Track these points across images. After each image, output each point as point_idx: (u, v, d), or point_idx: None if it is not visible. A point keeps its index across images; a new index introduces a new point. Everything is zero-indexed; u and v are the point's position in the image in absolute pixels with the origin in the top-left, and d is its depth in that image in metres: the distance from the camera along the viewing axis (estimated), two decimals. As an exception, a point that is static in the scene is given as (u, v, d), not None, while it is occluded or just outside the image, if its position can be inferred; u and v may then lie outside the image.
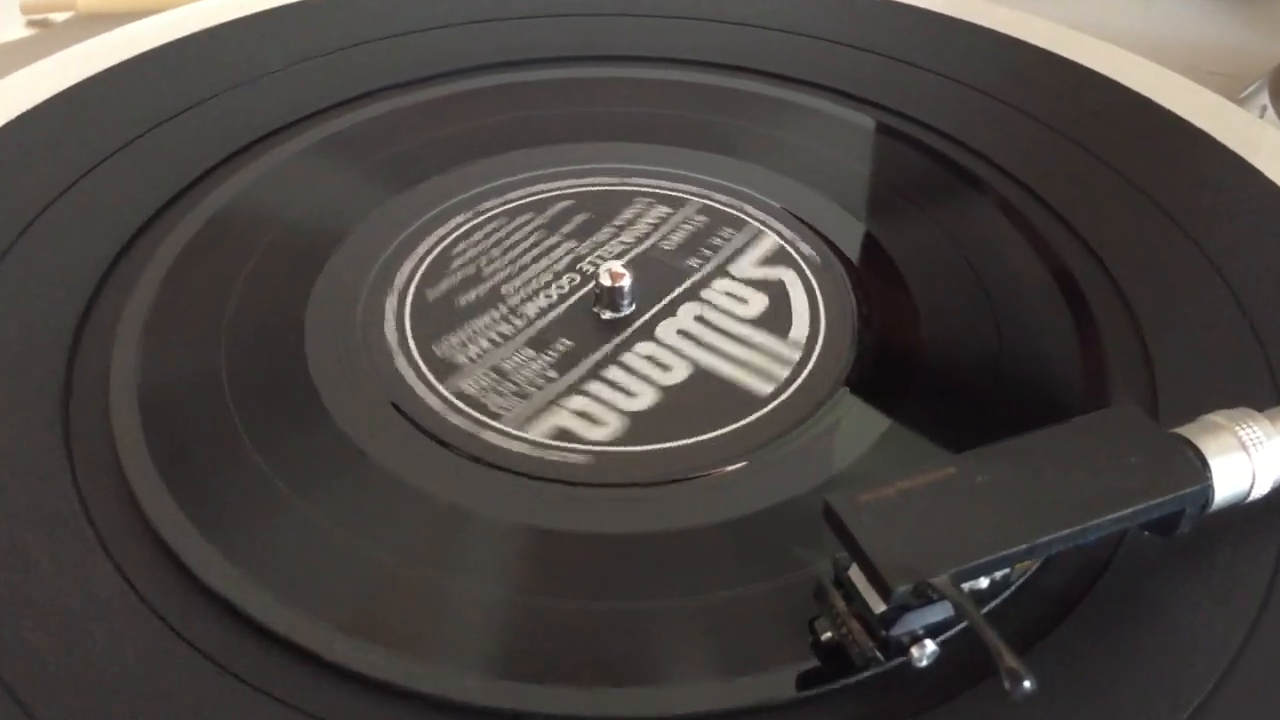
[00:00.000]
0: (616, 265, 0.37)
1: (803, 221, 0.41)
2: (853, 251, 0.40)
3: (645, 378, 0.35)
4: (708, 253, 0.39)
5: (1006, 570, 0.27)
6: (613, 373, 0.35)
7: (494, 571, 0.29)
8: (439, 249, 0.39)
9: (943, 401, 0.34)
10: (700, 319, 0.37)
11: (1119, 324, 0.36)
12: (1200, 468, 0.27)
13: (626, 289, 0.36)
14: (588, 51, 0.48)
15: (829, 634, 0.27)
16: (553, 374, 0.34)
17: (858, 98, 0.46)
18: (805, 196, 0.42)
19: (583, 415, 0.33)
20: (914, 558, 0.25)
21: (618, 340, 0.36)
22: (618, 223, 0.40)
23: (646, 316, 0.37)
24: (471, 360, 0.35)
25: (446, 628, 0.28)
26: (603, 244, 0.39)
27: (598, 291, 0.37)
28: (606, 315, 0.36)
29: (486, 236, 0.39)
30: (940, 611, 0.26)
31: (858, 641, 0.26)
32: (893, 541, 0.26)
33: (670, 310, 0.37)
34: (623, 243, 0.39)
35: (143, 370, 0.33)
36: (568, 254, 0.39)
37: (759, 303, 0.37)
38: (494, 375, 0.34)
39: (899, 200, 0.42)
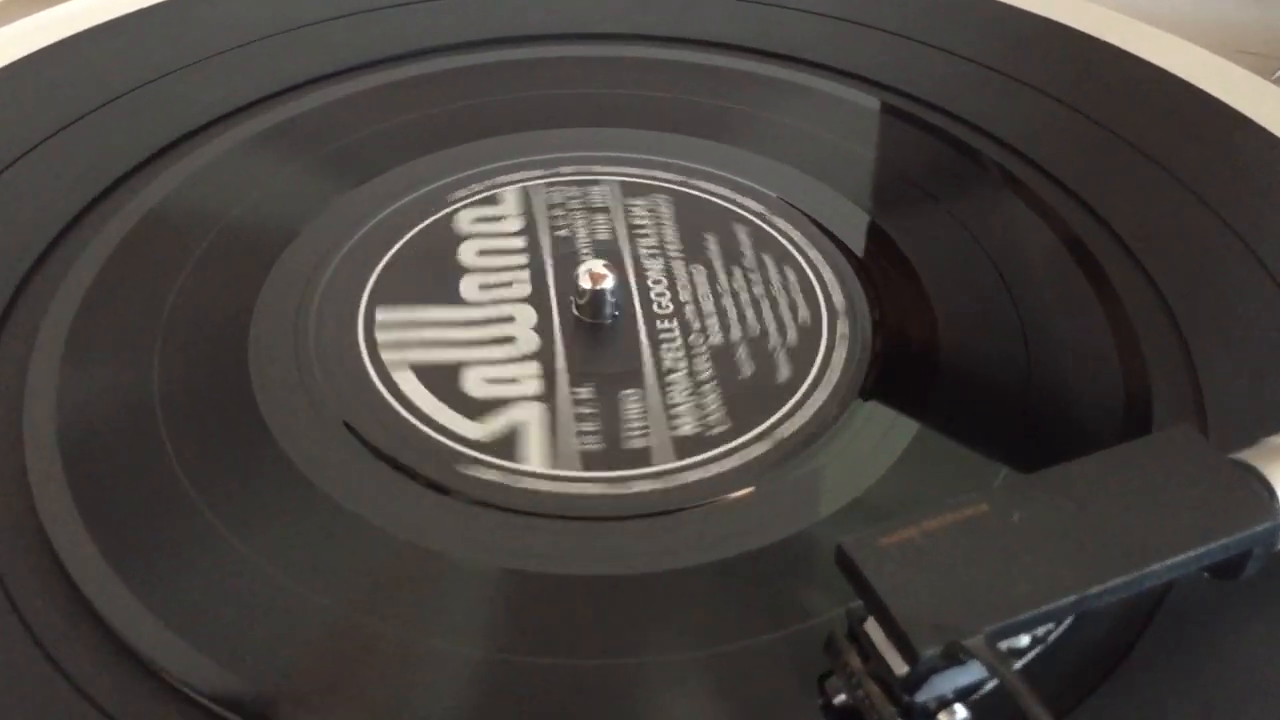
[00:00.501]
0: (597, 265, 0.33)
1: (802, 213, 0.38)
2: (858, 246, 0.36)
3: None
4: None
5: (1050, 625, 0.23)
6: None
7: (464, 624, 0.26)
8: (401, 249, 0.36)
9: (968, 415, 0.31)
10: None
11: (1156, 323, 0.33)
12: (1269, 500, 0.24)
13: (610, 290, 0.33)
14: (556, 29, 0.45)
15: (842, 696, 0.24)
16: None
17: (857, 76, 0.44)
18: (804, 185, 0.39)
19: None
20: (943, 613, 0.22)
21: (600, 347, 0.33)
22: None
23: (635, 318, 0.34)
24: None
25: (411, 693, 0.24)
26: (582, 239, 0.36)
27: (579, 296, 0.33)
28: (589, 320, 0.33)
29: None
30: (972, 673, 0.23)
31: (876, 707, 0.23)
32: (918, 593, 0.22)
33: (660, 312, 0.34)
34: (599, 239, 0.36)
35: (62, 391, 0.30)
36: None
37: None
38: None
39: (907, 189, 0.39)
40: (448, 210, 0.37)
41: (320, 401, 0.31)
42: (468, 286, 0.34)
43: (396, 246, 0.36)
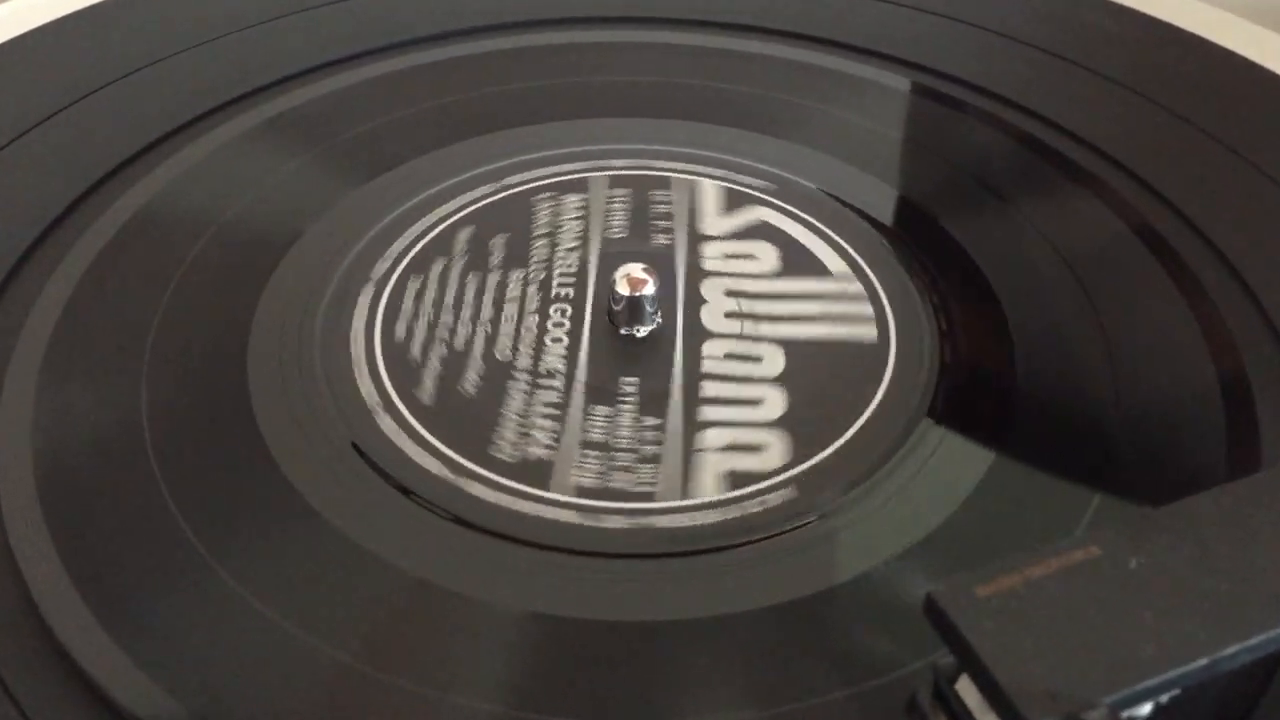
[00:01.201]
0: (635, 270, 0.30)
1: (852, 208, 0.35)
2: (921, 248, 0.34)
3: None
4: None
5: (1177, 691, 0.20)
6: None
7: (485, 676, 0.23)
8: (416, 253, 0.33)
9: (1050, 435, 0.28)
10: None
11: (1253, 331, 0.30)
12: None
13: (650, 297, 0.30)
14: (579, 13, 0.43)
15: (931, 766, 0.21)
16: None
17: (895, 59, 0.41)
18: (851, 179, 0.36)
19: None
20: (1056, 678, 0.19)
21: (635, 361, 0.30)
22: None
23: (675, 331, 0.31)
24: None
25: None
26: (618, 238, 0.34)
27: (615, 303, 0.31)
28: (623, 330, 0.31)
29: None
30: (1088, 746, 0.20)
31: (973, 781, 0.20)
32: (1025, 654, 0.20)
33: (707, 326, 0.31)
34: (654, 245, 0.34)
35: (39, 414, 0.28)
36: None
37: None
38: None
39: (968, 184, 0.36)
40: (468, 207, 0.35)
41: (328, 423, 0.28)
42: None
43: (414, 251, 0.33)
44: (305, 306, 0.31)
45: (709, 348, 0.30)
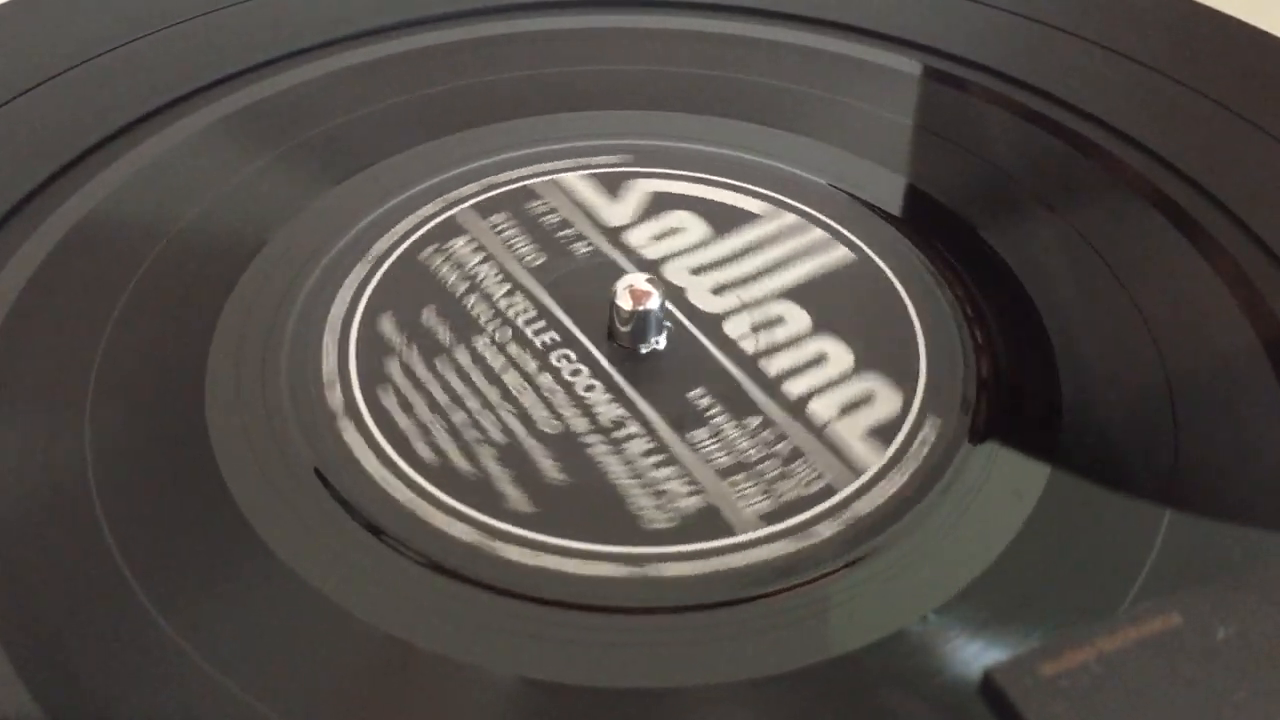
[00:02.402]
0: (639, 281, 0.28)
1: (871, 208, 0.32)
2: (953, 253, 0.31)
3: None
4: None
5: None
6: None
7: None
8: (395, 261, 0.31)
9: (1106, 463, 0.26)
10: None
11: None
12: None
13: (655, 312, 0.28)
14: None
15: None
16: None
17: (909, 43, 0.39)
18: (868, 174, 0.34)
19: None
20: (1138, 774, 0.17)
21: (635, 381, 0.28)
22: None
23: (683, 345, 0.28)
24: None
25: None
26: (541, 264, 0.31)
27: (618, 318, 0.28)
28: (626, 346, 0.28)
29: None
30: None
31: None
32: None
33: (724, 342, 0.29)
34: (647, 258, 0.31)
35: None
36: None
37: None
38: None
39: (1001, 183, 0.34)
40: (458, 206, 0.32)
41: (294, 455, 0.26)
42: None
43: (393, 259, 0.31)
44: (273, 321, 0.29)
45: (731, 328, 0.29)
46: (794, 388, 0.27)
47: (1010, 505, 0.25)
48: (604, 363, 0.28)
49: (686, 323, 0.29)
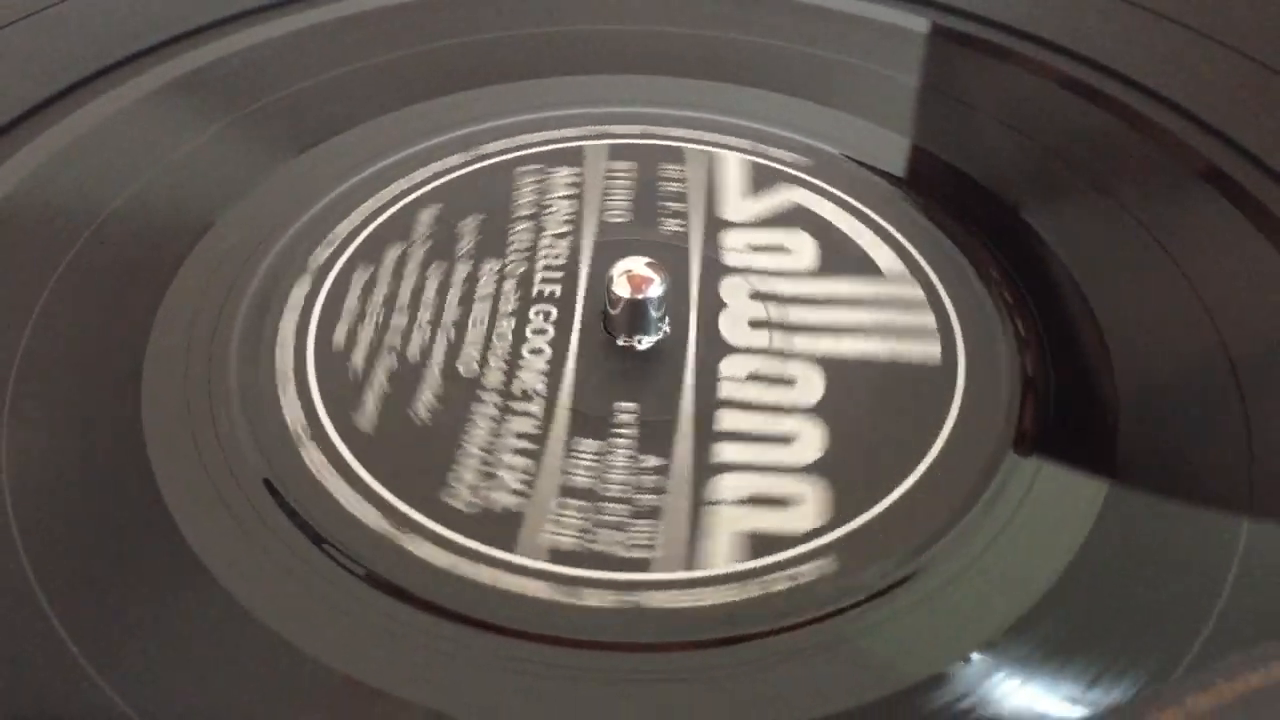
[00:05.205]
0: (638, 265, 0.26)
1: (902, 185, 0.30)
2: (989, 236, 0.29)
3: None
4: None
5: None
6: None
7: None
8: (365, 239, 0.29)
9: (1176, 460, 0.24)
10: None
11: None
12: None
13: (657, 299, 0.26)
14: None
15: None
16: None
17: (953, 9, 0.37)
18: (902, 152, 0.32)
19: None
20: None
21: (624, 378, 0.25)
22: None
23: (685, 343, 0.26)
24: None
25: None
26: (618, 222, 0.29)
27: (611, 306, 0.26)
28: (619, 340, 0.26)
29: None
30: None
31: None
32: None
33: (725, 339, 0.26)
34: (663, 232, 0.29)
35: None
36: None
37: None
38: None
39: (1047, 162, 0.31)
40: (431, 183, 0.30)
41: (244, 468, 0.23)
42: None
43: (362, 235, 0.29)
44: (218, 317, 0.26)
45: (728, 366, 0.25)
46: (727, 453, 0.24)
47: (1063, 524, 0.22)
48: (573, 336, 0.26)
49: (690, 338, 0.26)
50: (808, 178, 0.30)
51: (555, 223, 0.29)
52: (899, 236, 0.28)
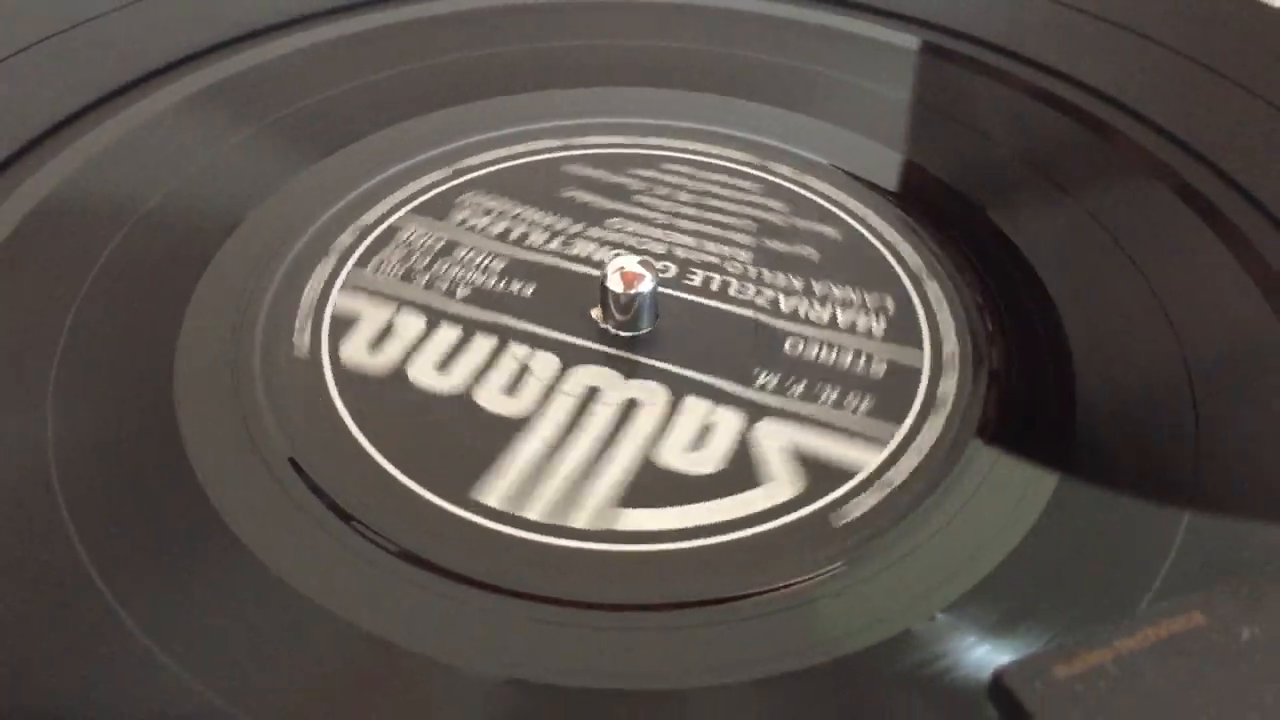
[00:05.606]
0: (630, 262, 0.27)
1: (882, 192, 0.32)
2: (966, 238, 0.31)
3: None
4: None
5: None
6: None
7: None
8: (374, 239, 0.30)
9: (1122, 457, 0.25)
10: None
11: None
12: None
13: (647, 296, 0.27)
14: None
15: None
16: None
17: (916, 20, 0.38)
18: (873, 154, 0.33)
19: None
20: (1158, 781, 0.16)
21: (625, 361, 0.27)
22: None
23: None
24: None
25: None
26: (634, 235, 0.31)
27: (605, 299, 0.28)
28: (615, 331, 0.28)
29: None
30: None
31: None
32: None
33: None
34: (625, 230, 0.31)
35: None
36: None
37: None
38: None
39: (1014, 165, 0.33)
40: (431, 191, 0.32)
41: (269, 447, 0.25)
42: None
43: (372, 237, 0.30)
44: (245, 305, 0.28)
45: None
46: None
47: (1021, 503, 0.24)
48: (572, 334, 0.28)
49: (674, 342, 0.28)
50: (798, 187, 0.32)
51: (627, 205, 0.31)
52: (880, 236, 0.30)
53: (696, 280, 0.29)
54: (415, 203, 0.31)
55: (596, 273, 0.28)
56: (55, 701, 0.21)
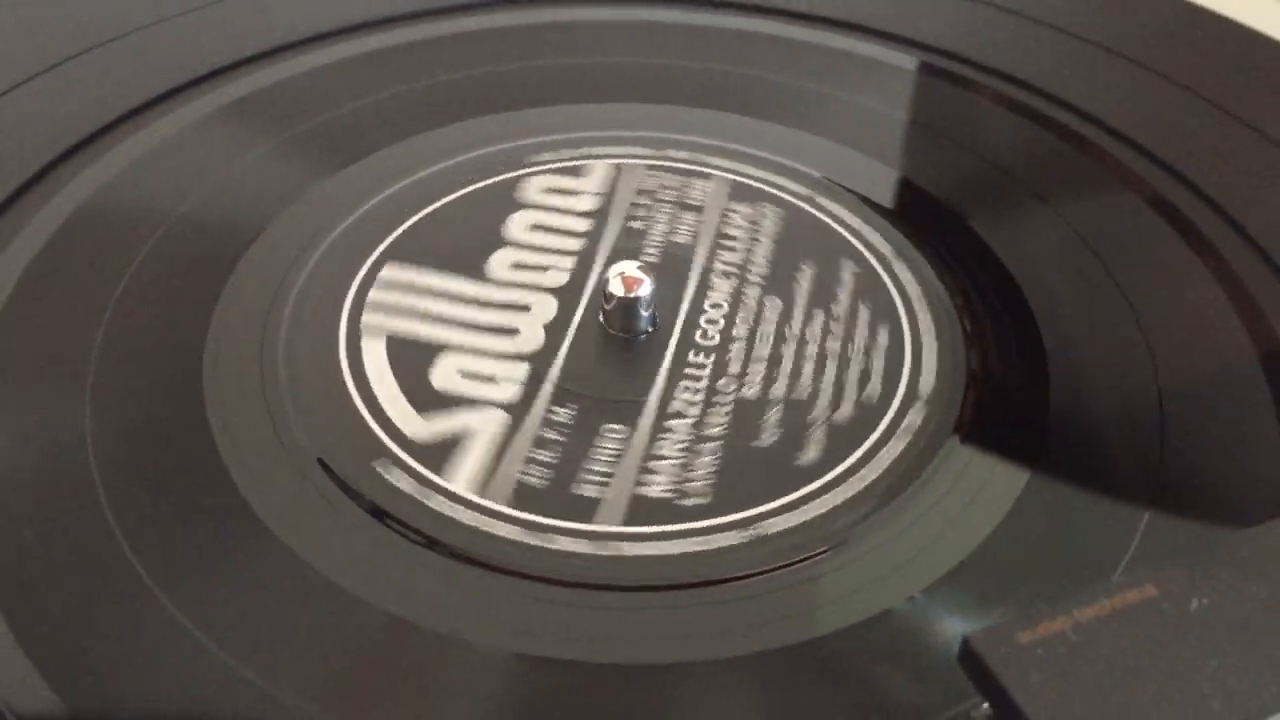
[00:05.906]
0: (630, 268, 0.29)
1: (868, 202, 0.33)
2: (943, 243, 0.32)
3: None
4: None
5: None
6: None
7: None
8: (392, 244, 0.32)
9: (1092, 454, 0.27)
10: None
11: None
12: None
13: (646, 299, 0.29)
14: None
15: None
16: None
17: (906, 39, 0.40)
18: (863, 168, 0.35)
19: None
20: (1110, 737, 0.18)
21: (609, 365, 0.29)
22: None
23: (668, 342, 0.29)
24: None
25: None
26: (655, 238, 0.32)
27: (606, 302, 0.29)
28: (613, 332, 0.29)
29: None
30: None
31: None
32: (1073, 709, 0.18)
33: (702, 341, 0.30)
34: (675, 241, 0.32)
35: None
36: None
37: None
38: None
39: (996, 178, 0.35)
40: (449, 197, 0.33)
41: (293, 437, 0.27)
42: (484, 295, 0.30)
43: (390, 241, 0.32)
44: (271, 304, 0.29)
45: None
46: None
47: (994, 498, 0.26)
48: (582, 302, 0.30)
49: (668, 352, 0.29)
50: (789, 195, 0.34)
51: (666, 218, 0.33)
52: (866, 242, 0.32)
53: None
54: (441, 203, 0.33)
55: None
56: (104, 677, 0.22)
